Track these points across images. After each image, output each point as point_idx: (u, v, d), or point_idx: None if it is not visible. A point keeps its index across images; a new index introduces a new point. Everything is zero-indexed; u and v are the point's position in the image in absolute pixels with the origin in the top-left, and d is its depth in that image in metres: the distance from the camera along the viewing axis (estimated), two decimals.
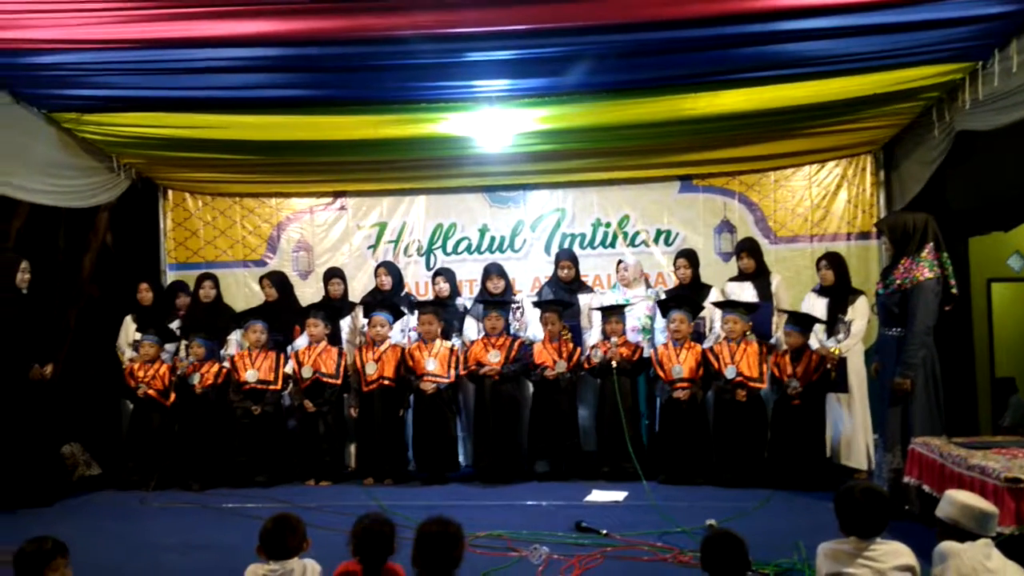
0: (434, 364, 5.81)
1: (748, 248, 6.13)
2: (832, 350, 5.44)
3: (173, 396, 5.93)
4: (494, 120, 5.72)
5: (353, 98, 5.57)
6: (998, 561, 2.59)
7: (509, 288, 6.40)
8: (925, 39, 4.68)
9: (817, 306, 5.69)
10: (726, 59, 4.98)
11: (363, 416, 5.89)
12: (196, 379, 5.85)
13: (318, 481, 5.83)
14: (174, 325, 6.38)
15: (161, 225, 7.43)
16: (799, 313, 5.59)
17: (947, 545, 2.64)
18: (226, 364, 6.03)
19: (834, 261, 5.75)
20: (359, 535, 2.80)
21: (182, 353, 6.18)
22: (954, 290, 4.44)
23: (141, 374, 5.94)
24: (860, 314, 5.54)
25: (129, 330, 6.39)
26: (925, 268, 4.36)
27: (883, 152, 6.65)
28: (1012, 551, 2.70)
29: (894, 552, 2.56)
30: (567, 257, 6.42)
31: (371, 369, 5.81)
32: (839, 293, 5.65)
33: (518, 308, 6.32)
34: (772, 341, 5.80)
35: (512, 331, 6.14)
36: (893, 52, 4.83)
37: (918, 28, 4.56)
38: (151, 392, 5.88)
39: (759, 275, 6.04)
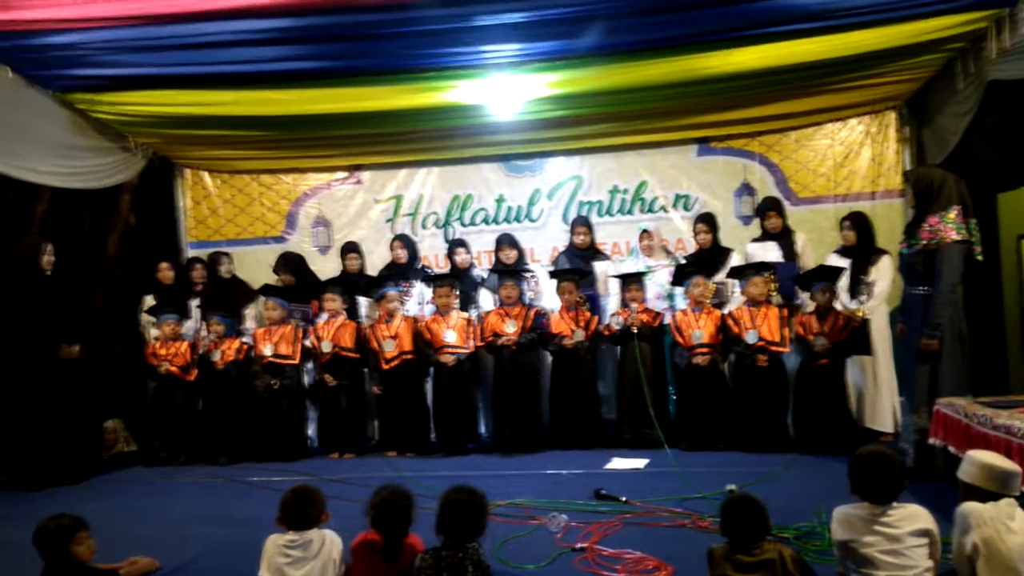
0: (452, 336, 5.81)
1: (775, 207, 5.99)
2: (855, 312, 5.34)
3: (195, 373, 6.00)
4: (505, 87, 5.66)
5: (361, 69, 5.51)
6: (1021, 521, 2.53)
7: (522, 258, 6.35)
8: None
9: None
10: (738, 15, 4.82)
11: (386, 391, 5.89)
12: (217, 356, 5.92)
13: (342, 454, 5.88)
14: (194, 304, 6.42)
15: (179, 204, 7.48)
16: (823, 266, 5.43)
17: (968, 506, 2.58)
18: (247, 340, 6.09)
19: (857, 221, 5.62)
20: (377, 507, 2.82)
21: (203, 331, 6.23)
22: (979, 257, 4.34)
23: (163, 352, 6.02)
24: (883, 275, 5.42)
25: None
26: (952, 230, 4.25)
27: (907, 107, 6.48)
28: None
29: (910, 516, 2.50)
30: (582, 223, 6.35)
31: (390, 347, 5.79)
32: (862, 254, 5.53)
33: (532, 278, 6.27)
34: (797, 302, 5.69)
35: (527, 300, 6.09)
36: (912, 2, 4.65)
37: None
38: (173, 369, 5.96)
39: (784, 235, 5.92)
